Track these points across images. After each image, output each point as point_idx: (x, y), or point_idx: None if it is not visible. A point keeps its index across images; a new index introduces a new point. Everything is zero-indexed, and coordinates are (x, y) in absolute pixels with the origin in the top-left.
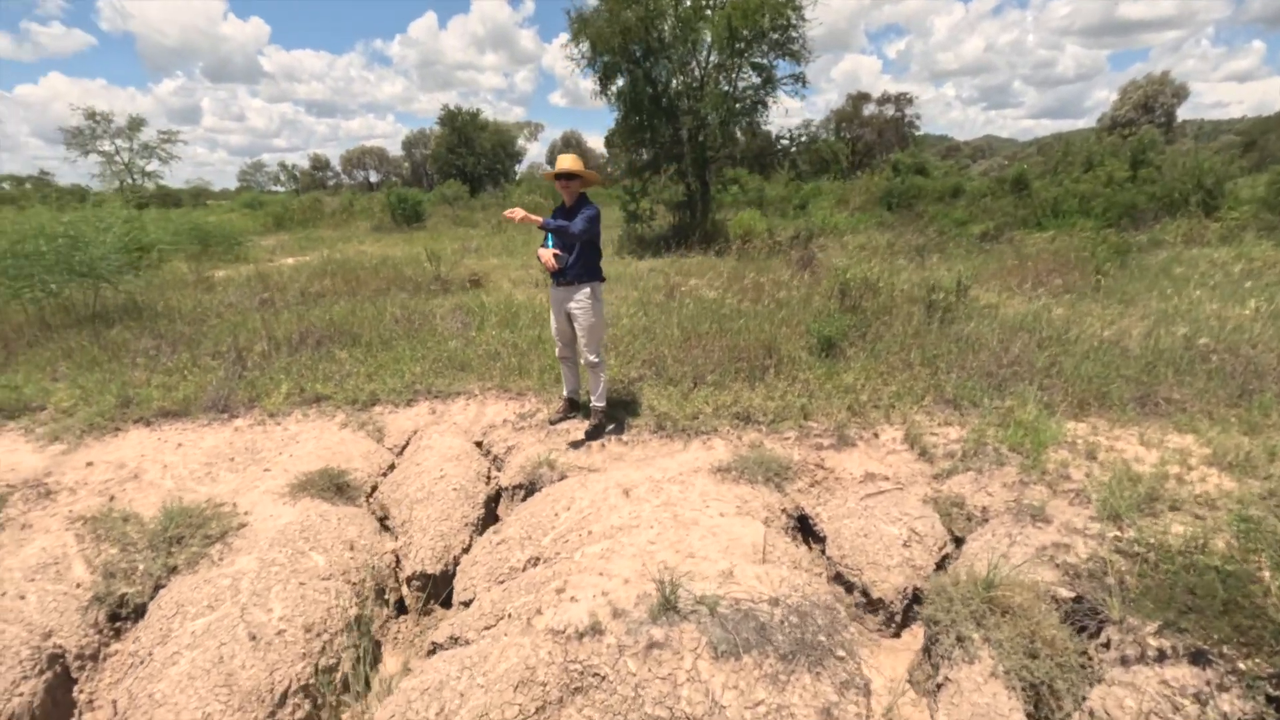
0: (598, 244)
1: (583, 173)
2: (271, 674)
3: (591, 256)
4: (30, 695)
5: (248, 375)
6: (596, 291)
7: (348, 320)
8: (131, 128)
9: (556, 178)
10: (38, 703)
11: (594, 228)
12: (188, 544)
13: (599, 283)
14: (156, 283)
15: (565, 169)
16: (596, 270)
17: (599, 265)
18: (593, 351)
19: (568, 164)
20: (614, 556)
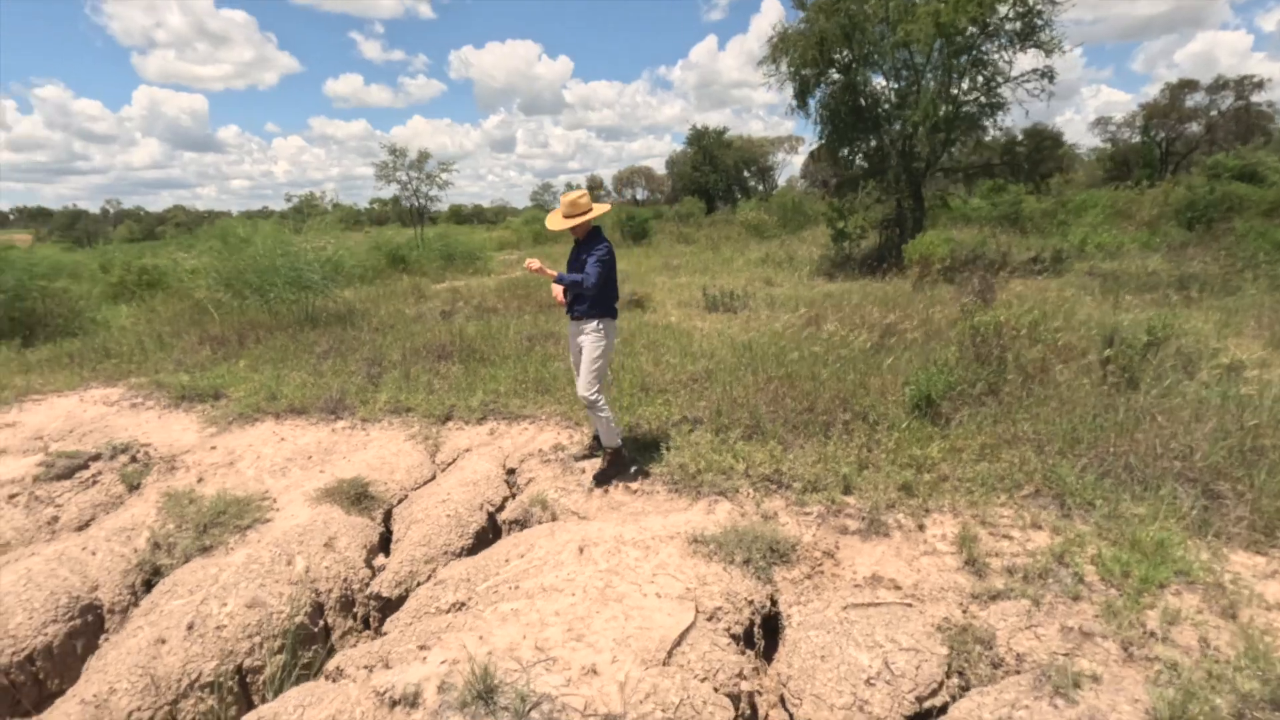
0: (612, 281)
1: (577, 220)
2: (184, 665)
3: (604, 293)
4: (51, 637)
5: (376, 382)
6: (607, 328)
7: (478, 336)
8: (419, 160)
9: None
10: (57, 644)
11: (606, 271)
12: (217, 531)
13: (610, 319)
14: (383, 292)
15: (555, 226)
16: (608, 307)
17: (612, 302)
18: (586, 386)
19: (569, 211)
20: (510, 621)
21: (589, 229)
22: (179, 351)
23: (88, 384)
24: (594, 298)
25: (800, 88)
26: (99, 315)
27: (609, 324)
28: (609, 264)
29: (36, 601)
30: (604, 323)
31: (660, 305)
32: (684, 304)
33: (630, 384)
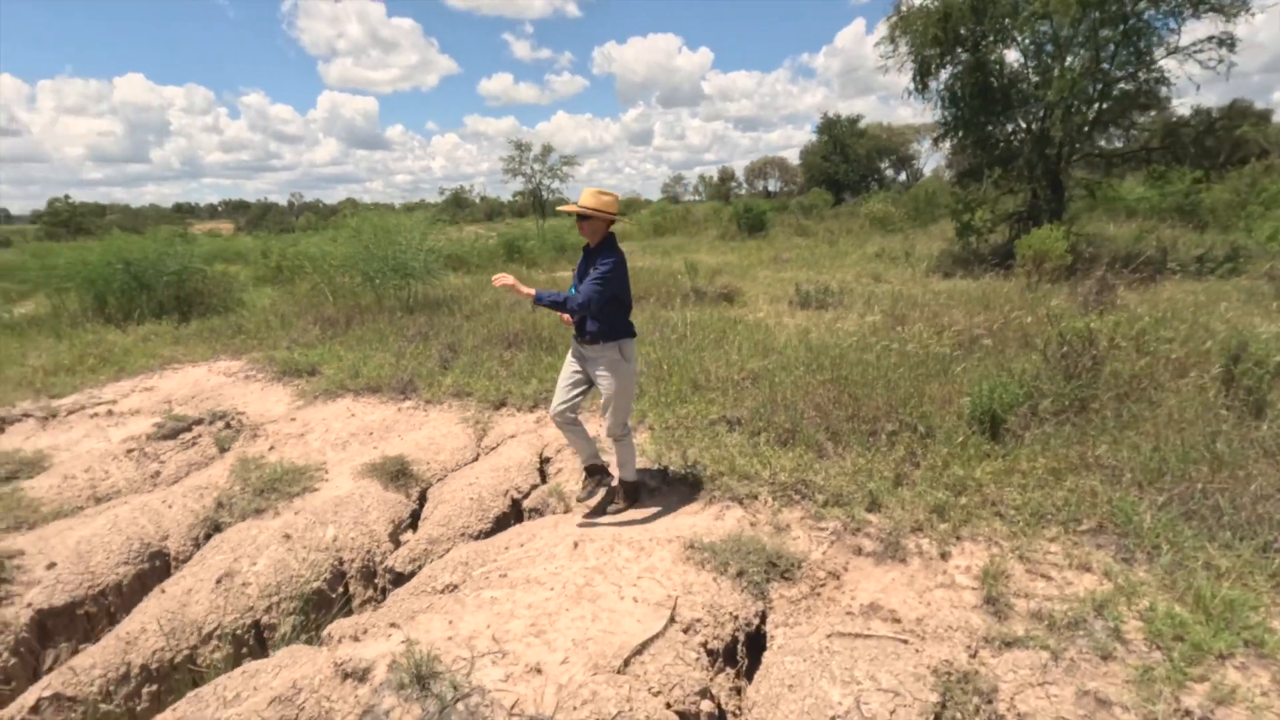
0: (624, 297)
1: (599, 211)
2: (207, 615)
3: (616, 311)
4: (122, 576)
5: (447, 365)
6: (626, 350)
7: (550, 325)
8: (543, 154)
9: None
10: (126, 583)
11: (607, 289)
12: (271, 496)
13: (628, 340)
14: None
15: (576, 209)
16: (624, 325)
17: (627, 320)
18: (617, 425)
19: (587, 201)
20: (485, 608)
21: (603, 234)
22: (296, 331)
23: (218, 356)
24: (609, 318)
25: (921, 69)
26: (246, 296)
27: (628, 345)
28: (612, 281)
29: (115, 545)
30: (623, 345)
31: (752, 299)
32: (776, 299)
33: (681, 380)
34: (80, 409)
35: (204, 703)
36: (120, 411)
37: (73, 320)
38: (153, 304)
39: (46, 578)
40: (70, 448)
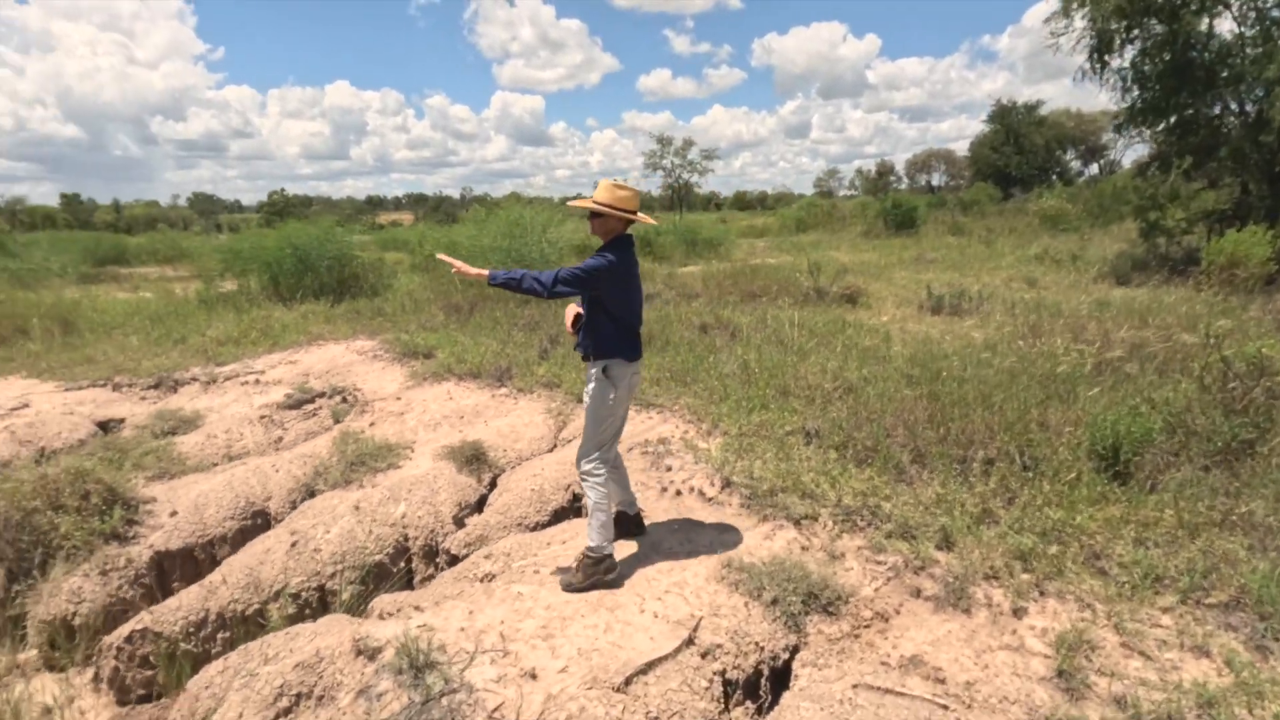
0: (615, 308)
1: (612, 207)
2: (278, 574)
3: (603, 324)
4: (228, 530)
5: (545, 355)
6: (612, 373)
7: (654, 320)
8: (684, 148)
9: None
10: (230, 535)
11: (580, 285)
12: (360, 469)
13: (615, 360)
14: None
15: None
16: (611, 344)
17: (620, 339)
18: (584, 454)
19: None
20: (506, 603)
21: (615, 234)
22: (425, 315)
23: (357, 336)
24: (593, 332)
25: (1100, 45)
26: (396, 282)
27: (617, 368)
28: (593, 280)
29: (226, 500)
30: (610, 367)
31: (878, 302)
32: (905, 302)
33: (768, 385)
34: (235, 376)
35: (250, 657)
36: (266, 381)
37: (251, 298)
38: (314, 285)
39: (168, 524)
40: (220, 410)
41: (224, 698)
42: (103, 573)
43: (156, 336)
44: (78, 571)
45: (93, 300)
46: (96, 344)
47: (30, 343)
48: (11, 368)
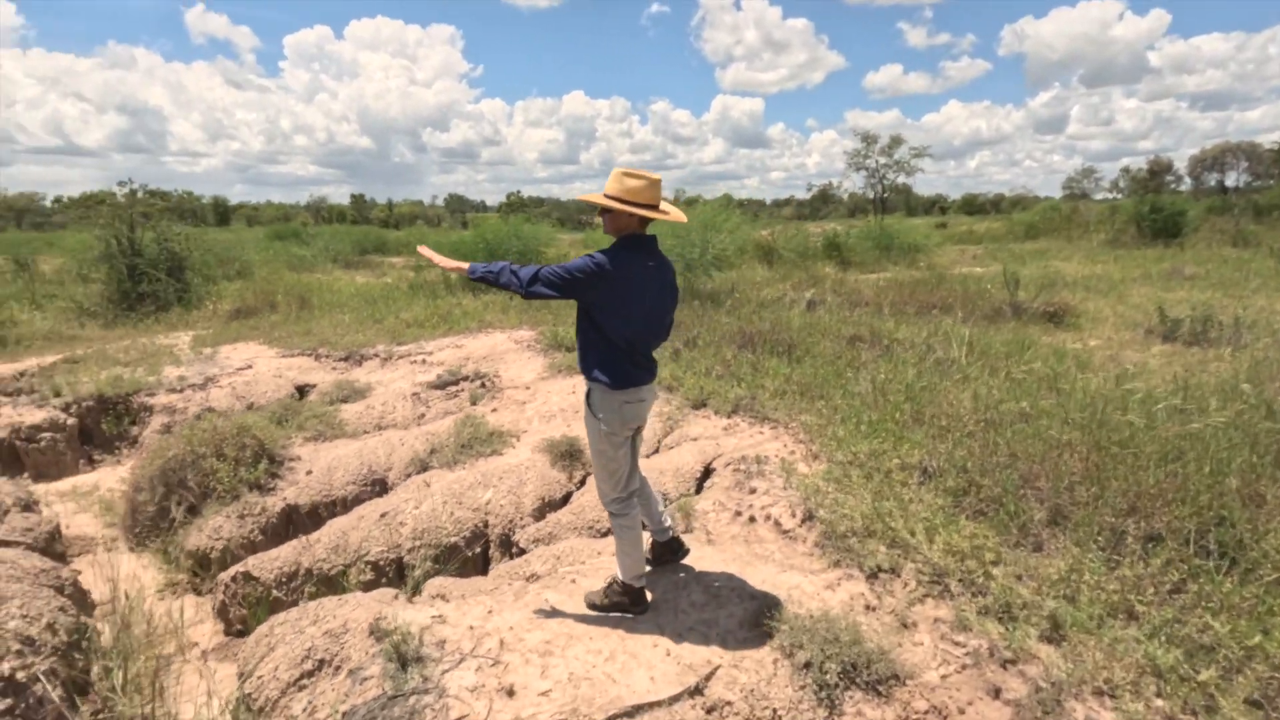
0: (601, 320)
1: (622, 201)
2: (362, 542)
3: (587, 338)
4: (349, 494)
5: (677, 357)
6: (594, 400)
7: (801, 329)
8: (890, 146)
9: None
10: (350, 498)
11: (561, 286)
12: (468, 452)
13: (601, 386)
14: (777, 277)
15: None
16: (595, 365)
17: (602, 358)
18: (600, 494)
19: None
20: (527, 608)
21: (628, 231)
22: None
23: (521, 325)
24: (583, 347)
25: None
26: None
27: (600, 395)
28: (576, 282)
29: (352, 467)
30: (594, 391)
31: (1092, 323)
32: (1131, 326)
33: (901, 409)
34: (408, 355)
35: (305, 615)
36: (430, 361)
37: (450, 286)
38: None
39: (303, 481)
40: (386, 385)
41: (274, 648)
42: (240, 516)
43: (364, 316)
44: (222, 512)
45: (333, 283)
46: (319, 319)
47: (273, 315)
48: (253, 334)
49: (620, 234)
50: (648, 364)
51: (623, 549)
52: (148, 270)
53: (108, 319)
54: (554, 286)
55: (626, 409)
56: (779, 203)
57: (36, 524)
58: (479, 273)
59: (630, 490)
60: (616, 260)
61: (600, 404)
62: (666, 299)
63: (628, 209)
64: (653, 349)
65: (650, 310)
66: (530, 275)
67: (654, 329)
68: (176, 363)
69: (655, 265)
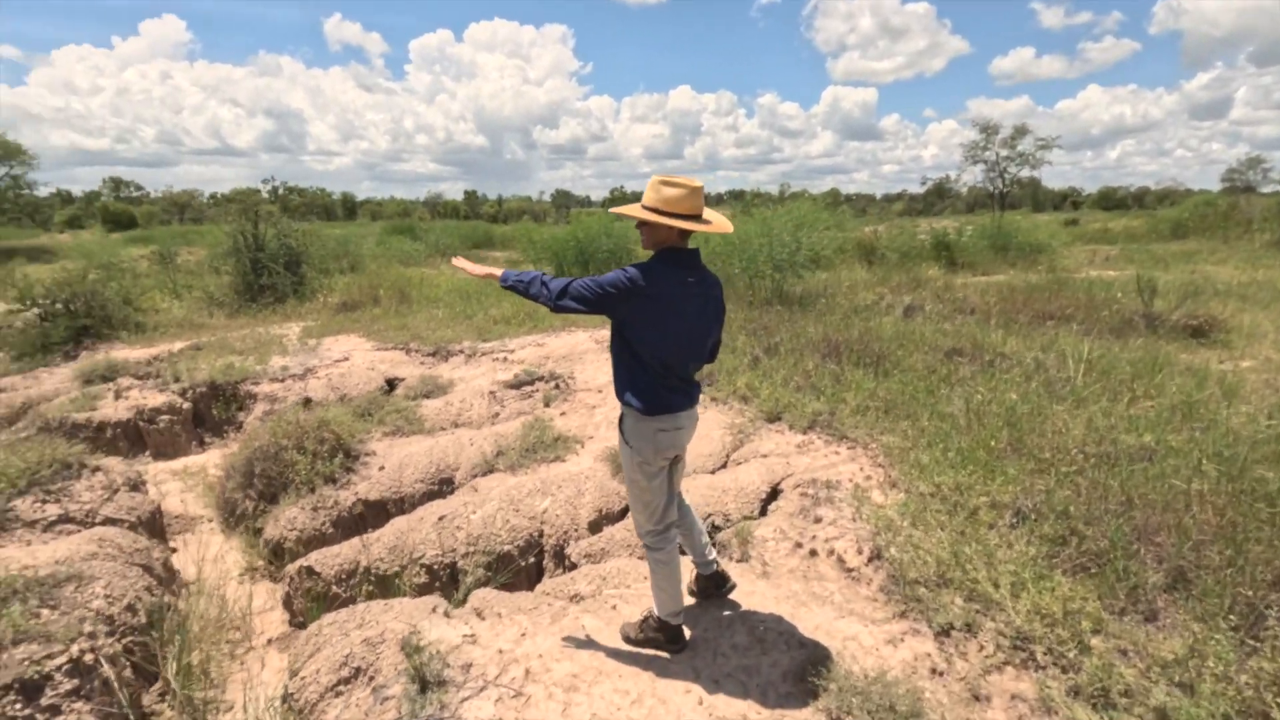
0: (634, 340)
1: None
2: (418, 544)
3: (621, 359)
4: (417, 491)
5: (755, 364)
6: (626, 427)
7: (892, 338)
8: (1013, 137)
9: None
10: (418, 496)
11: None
12: (532, 457)
13: (633, 411)
14: (876, 279)
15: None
16: (626, 384)
17: (635, 381)
18: (636, 525)
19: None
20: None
21: (667, 244)
22: None
23: (603, 326)
24: (616, 369)
25: None
26: None
27: (633, 423)
28: (608, 298)
29: (422, 465)
30: (627, 416)
31: (1248, 340)
32: None
33: (996, 437)
34: (491, 352)
35: (352, 617)
36: (512, 359)
37: None
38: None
39: (375, 477)
40: (467, 381)
41: (320, 649)
42: (314, 509)
43: (456, 312)
44: (297, 504)
45: (435, 277)
46: (415, 314)
47: (375, 308)
48: (354, 327)
49: (659, 247)
50: (685, 388)
51: (658, 584)
52: (268, 264)
53: (233, 309)
54: (583, 301)
55: (660, 437)
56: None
57: (141, 503)
58: (510, 281)
59: (666, 522)
60: (651, 275)
61: (632, 431)
62: (708, 318)
63: (665, 221)
64: (691, 372)
65: (688, 330)
66: (560, 288)
67: (691, 350)
68: (284, 352)
69: (696, 281)
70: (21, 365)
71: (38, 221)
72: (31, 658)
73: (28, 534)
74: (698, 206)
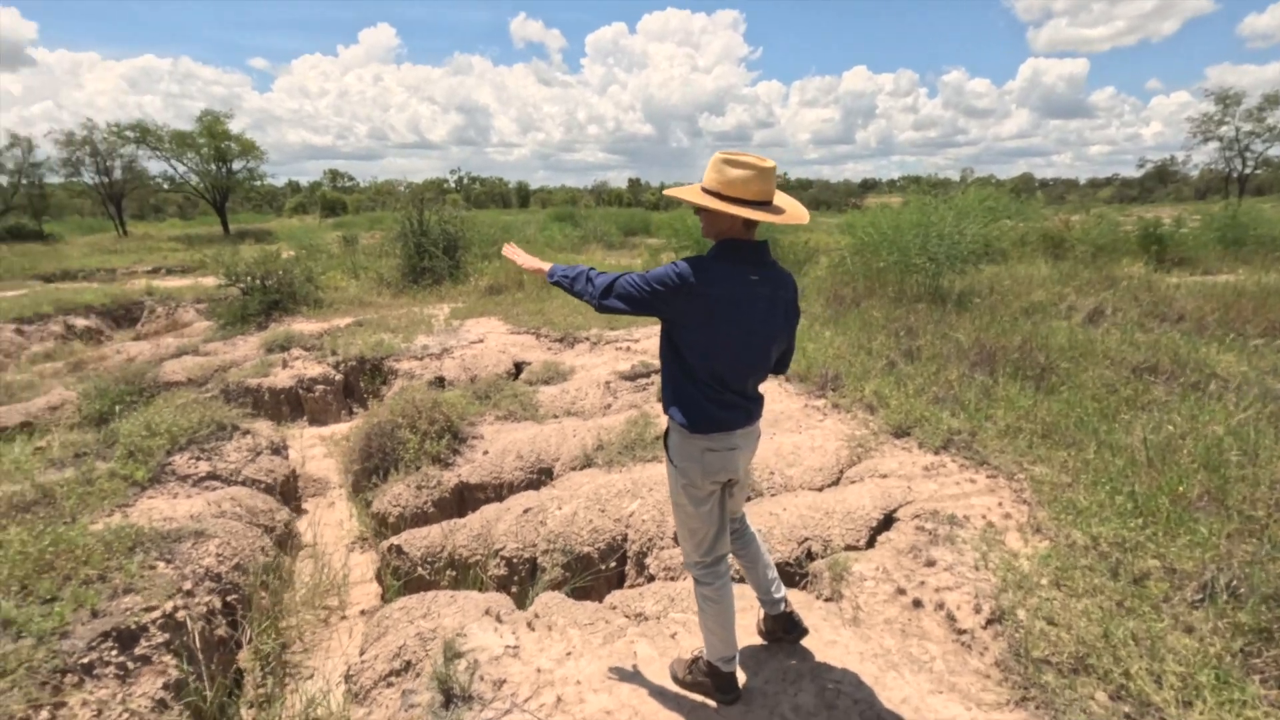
0: (683, 347)
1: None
2: (499, 536)
3: (669, 368)
4: (516, 480)
5: (892, 367)
6: (674, 443)
7: (1064, 348)
8: (1262, 107)
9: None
10: (515, 483)
11: (637, 300)
12: (629, 454)
13: (677, 427)
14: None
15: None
16: (672, 396)
17: (684, 393)
18: (684, 553)
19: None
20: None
21: (729, 235)
22: (818, 304)
23: None
24: (665, 377)
25: None
26: (813, 267)
27: (679, 440)
28: (653, 297)
29: (523, 453)
30: (669, 433)
31: None
32: None
33: (1188, 481)
34: (615, 342)
35: (418, 607)
36: (634, 349)
37: None
38: None
39: (478, 460)
40: (588, 370)
41: (385, 634)
42: (418, 487)
43: None
44: (403, 480)
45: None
46: (552, 299)
47: (518, 292)
48: (495, 310)
49: (719, 238)
50: (742, 403)
51: (706, 624)
52: (429, 248)
53: (398, 289)
54: (628, 300)
55: (709, 458)
56: (1095, 183)
57: (278, 466)
58: (556, 276)
59: (716, 554)
60: (704, 272)
61: (677, 449)
62: (774, 323)
63: (724, 208)
64: (751, 386)
65: (747, 337)
66: (605, 284)
67: (750, 360)
68: (429, 331)
69: (761, 279)
70: (225, 332)
71: (273, 208)
72: (133, 608)
73: (178, 487)
74: (767, 191)
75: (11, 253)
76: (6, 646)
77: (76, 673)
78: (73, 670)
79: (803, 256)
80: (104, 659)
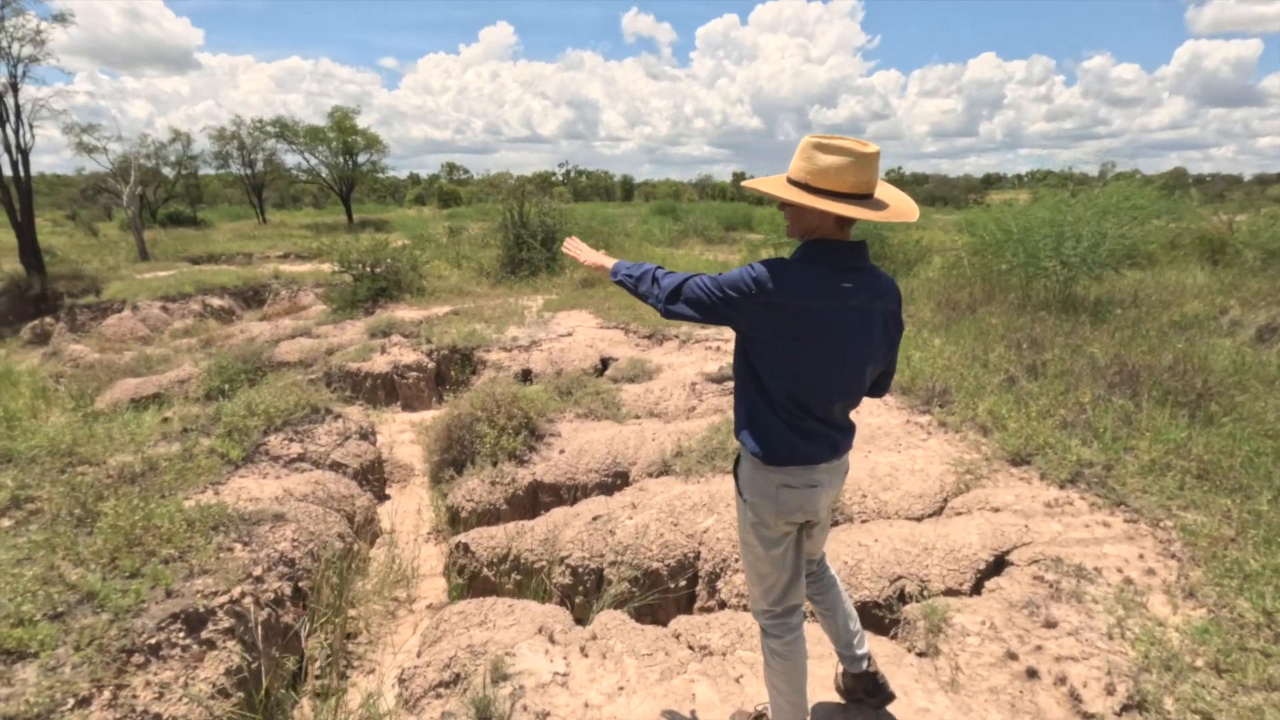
0: (758, 364)
1: (796, 189)
2: (566, 542)
3: (743, 388)
4: (589, 480)
5: (1011, 384)
6: (745, 474)
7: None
8: None
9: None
10: (590, 485)
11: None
12: (707, 464)
13: (749, 458)
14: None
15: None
16: (745, 420)
17: (757, 418)
18: (750, 598)
19: (792, 166)
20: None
21: (818, 234)
22: (913, 308)
23: None
24: (738, 400)
25: None
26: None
27: (750, 471)
28: (724, 305)
29: (598, 455)
30: (739, 462)
31: None
32: None
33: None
34: (704, 340)
35: (476, 613)
36: (724, 350)
37: None
38: None
39: (554, 459)
40: (673, 369)
41: (440, 639)
42: (492, 483)
43: None
44: (478, 475)
45: (682, 258)
46: None
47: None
48: (587, 304)
49: (807, 237)
50: (827, 433)
51: (772, 682)
52: (528, 240)
53: (496, 279)
54: (697, 306)
55: (785, 495)
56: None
57: (365, 452)
58: (619, 275)
59: (789, 605)
60: (785, 277)
61: (748, 481)
62: (870, 339)
63: (813, 202)
64: (838, 412)
65: (836, 355)
66: (672, 287)
67: (839, 383)
68: (520, 323)
69: (856, 287)
70: (335, 317)
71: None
72: (204, 591)
73: (269, 467)
74: (867, 183)
75: (168, 236)
76: (85, 620)
77: (143, 653)
78: (140, 650)
79: (913, 256)
80: (171, 640)
